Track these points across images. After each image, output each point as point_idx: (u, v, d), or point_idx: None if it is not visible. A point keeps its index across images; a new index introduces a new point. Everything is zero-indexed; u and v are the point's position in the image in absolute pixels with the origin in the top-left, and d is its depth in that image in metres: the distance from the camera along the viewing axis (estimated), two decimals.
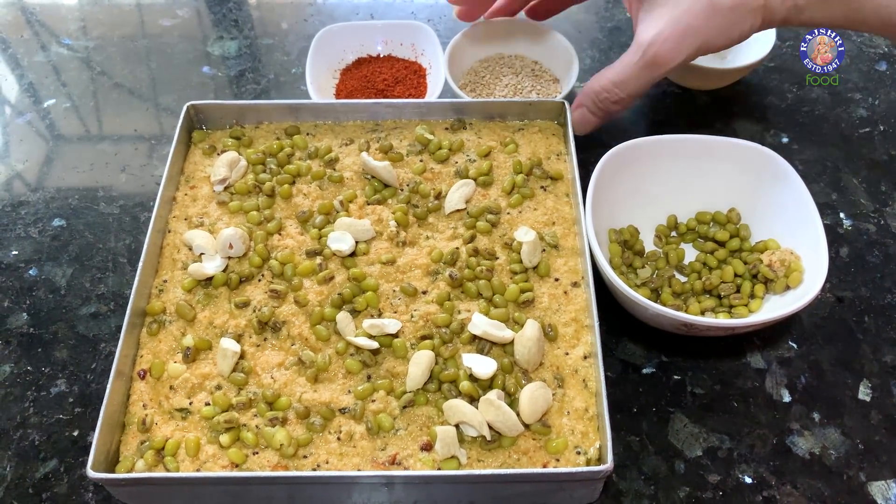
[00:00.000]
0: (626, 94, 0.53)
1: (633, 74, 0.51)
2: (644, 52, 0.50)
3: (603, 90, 0.54)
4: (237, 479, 0.47)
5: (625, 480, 0.54)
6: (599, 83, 0.54)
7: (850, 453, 0.55)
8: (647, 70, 0.51)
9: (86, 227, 0.70)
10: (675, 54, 0.49)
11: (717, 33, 0.48)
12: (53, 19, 0.93)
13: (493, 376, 0.51)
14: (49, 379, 0.59)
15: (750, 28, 0.49)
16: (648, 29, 0.49)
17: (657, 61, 0.50)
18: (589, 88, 0.55)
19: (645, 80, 0.52)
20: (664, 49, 0.49)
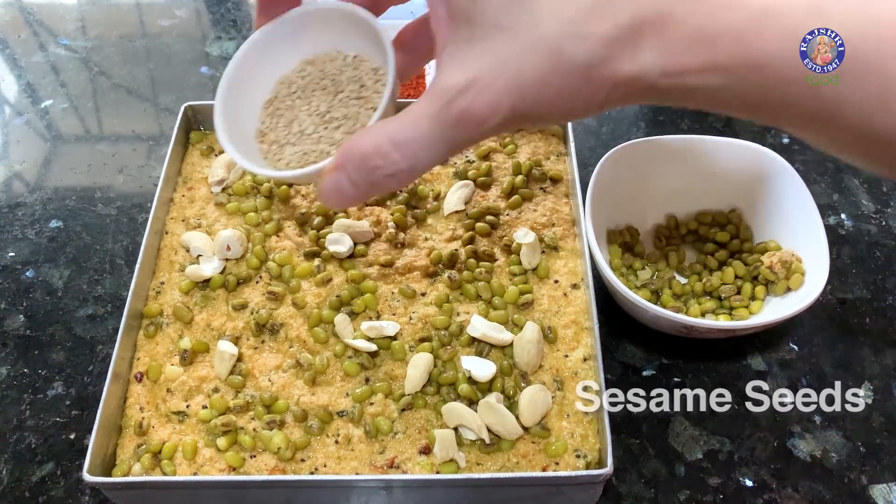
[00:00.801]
0: (408, 165, 0.32)
1: (427, 134, 0.31)
2: (448, 102, 0.30)
3: (376, 153, 0.32)
4: (234, 483, 0.47)
5: (624, 484, 0.53)
6: (372, 140, 0.32)
7: (851, 456, 0.54)
8: (448, 130, 0.31)
9: (83, 228, 0.69)
10: (490, 113, 0.30)
11: (557, 97, 0.30)
12: (52, 19, 0.93)
13: (492, 379, 0.50)
14: (46, 381, 0.59)
15: (604, 100, 0.31)
16: (459, 70, 0.30)
17: (464, 119, 0.30)
18: (354, 147, 0.32)
19: (444, 147, 0.31)
20: (477, 103, 0.30)
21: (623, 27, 0.29)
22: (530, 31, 0.30)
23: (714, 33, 0.29)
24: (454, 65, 0.31)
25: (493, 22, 0.30)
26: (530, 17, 0.30)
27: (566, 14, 0.29)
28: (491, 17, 0.30)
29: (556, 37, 0.29)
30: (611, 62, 0.29)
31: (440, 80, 0.31)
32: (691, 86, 0.30)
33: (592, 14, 0.29)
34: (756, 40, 0.29)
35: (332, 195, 0.34)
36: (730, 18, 0.29)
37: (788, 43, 0.28)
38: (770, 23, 0.28)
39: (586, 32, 0.29)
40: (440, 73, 0.31)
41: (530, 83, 0.30)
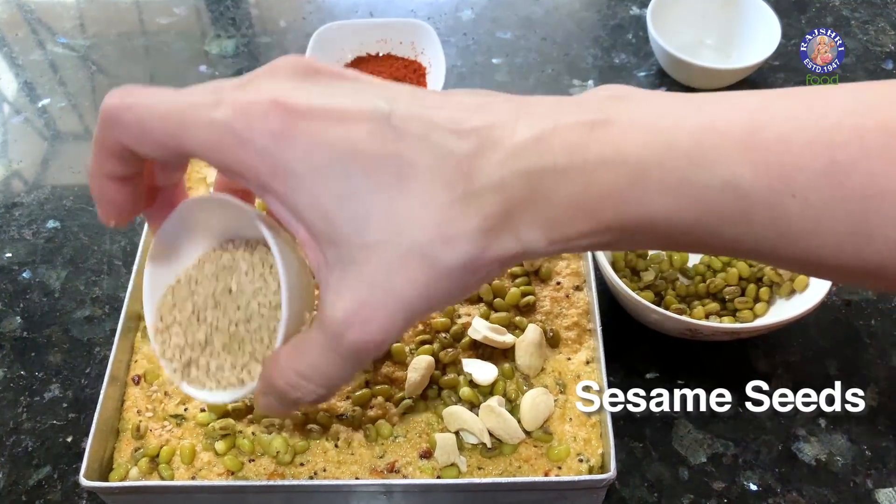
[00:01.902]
0: (325, 390, 0.32)
1: (329, 365, 0.31)
2: (338, 337, 0.29)
3: (290, 387, 0.32)
4: (233, 488, 0.47)
5: (628, 488, 0.53)
6: (284, 377, 0.32)
7: (857, 460, 0.54)
8: (345, 360, 0.30)
9: (80, 228, 0.69)
10: (384, 337, 0.29)
11: (445, 297, 0.29)
12: (50, 17, 0.92)
13: (493, 382, 0.50)
14: (43, 384, 0.58)
15: (500, 272, 0.31)
16: (339, 300, 0.29)
17: (360, 348, 0.30)
18: (272, 381, 0.33)
19: (350, 368, 0.31)
20: (367, 333, 0.29)
21: (493, 216, 0.27)
22: (396, 245, 0.28)
23: (596, 199, 0.27)
24: (333, 293, 0.29)
25: (356, 242, 0.28)
26: (393, 230, 0.27)
27: (429, 218, 0.27)
28: (353, 237, 0.28)
29: (424, 245, 0.27)
30: (490, 250, 0.28)
31: (325, 312, 0.29)
32: (583, 245, 0.29)
33: (457, 212, 0.27)
34: (644, 201, 0.27)
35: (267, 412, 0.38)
36: (611, 183, 0.27)
37: (678, 201, 0.27)
38: (654, 182, 0.27)
39: (455, 234, 0.27)
40: (323, 302, 0.30)
41: (414, 297, 0.28)
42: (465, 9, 0.91)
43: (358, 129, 0.27)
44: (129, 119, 0.28)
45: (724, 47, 0.82)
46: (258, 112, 0.26)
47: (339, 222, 0.28)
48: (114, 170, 0.30)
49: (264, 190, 0.28)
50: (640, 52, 0.84)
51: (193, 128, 0.27)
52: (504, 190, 0.27)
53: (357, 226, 0.27)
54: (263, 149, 0.26)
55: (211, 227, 0.37)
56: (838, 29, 0.86)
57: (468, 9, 0.91)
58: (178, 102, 0.28)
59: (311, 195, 0.27)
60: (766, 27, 0.77)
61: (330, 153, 0.26)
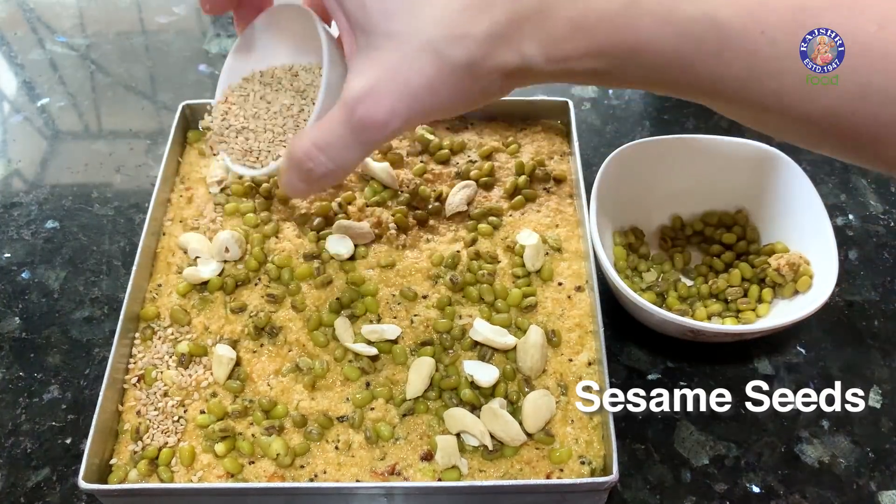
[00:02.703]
0: (335, 165, 0.36)
1: (340, 139, 0.34)
2: (351, 111, 0.33)
3: (306, 157, 0.36)
4: (233, 490, 0.46)
5: (629, 490, 0.52)
6: (302, 146, 0.36)
7: (860, 462, 0.54)
8: (355, 135, 0.34)
9: (80, 229, 0.68)
10: (389, 118, 0.33)
11: (449, 96, 0.32)
12: (49, 16, 0.92)
13: (494, 384, 0.49)
14: (41, 385, 0.58)
15: (499, 89, 0.34)
16: (358, 78, 0.33)
17: (366, 125, 0.33)
18: (293, 150, 0.37)
19: (357, 150, 0.35)
20: (375, 110, 0.32)
21: (501, 23, 0.31)
22: (414, 38, 0.32)
23: (592, 21, 0.31)
24: (355, 73, 0.34)
25: (383, 30, 0.32)
26: (414, 24, 0.32)
27: (445, 18, 0.31)
28: (381, 25, 0.32)
29: (437, 41, 0.31)
30: (493, 57, 0.32)
31: (347, 88, 0.34)
32: (578, 69, 0.32)
33: (470, 15, 0.31)
34: (632, 26, 0.30)
35: (288, 191, 0.40)
36: (606, 6, 0.30)
37: (662, 27, 0.30)
38: (645, 8, 0.30)
39: (464, 34, 0.31)
40: (348, 81, 0.34)
41: (420, 88, 0.33)
42: None
43: None
44: None
45: None
46: None
47: (371, 11, 0.32)
48: None
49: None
50: None
51: None
52: (514, 2, 0.31)
53: (385, 16, 0.32)
54: None
55: (288, 33, 0.44)
56: None
57: None
58: None
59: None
60: None
61: None
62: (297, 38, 0.45)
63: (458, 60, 0.31)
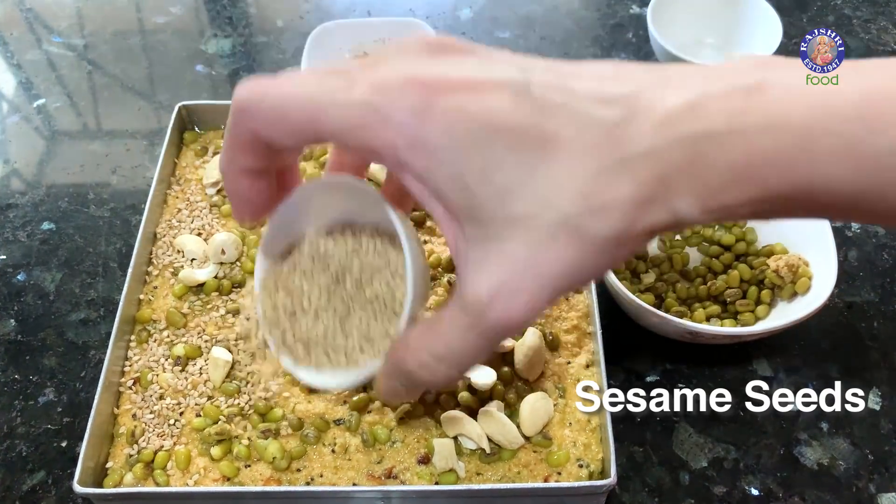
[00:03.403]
0: (458, 371, 0.31)
1: (465, 346, 0.30)
2: (480, 315, 0.28)
3: (422, 369, 0.31)
4: (229, 494, 0.46)
5: (628, 492, 0.52)
6: (415, 358, 0.32)
7: (859, 464, 0.53)
8: (485, 339, 0.29)
9: (75, 230, 0.68)
10: (526, 315, 0.28)
11: (592, 272, 0.28)
12: (47, 15, 0.91)
13: (492, 386, 0.49)
14: (37, 387, 0.58)
15: (633, 250, 0.31)
16: (481, 277, 0.28)
17: (504, 326, 0.28)
18: (401, 363, 0.32)
19: (488, 349, 0.30)
20: (510, 311, 0.28)
21: (647, 184, 0.26)
22: (543, 218, 0.26)
23: (758, 166, 0.26)
24: (474, 270, 0.28)
25: (501, 216, 0.27)
26: (539, 202, 0.26)
27: (578, 188, 0.26)
28: (497, 209, 0.27)
29: (573, 217, 0.26)
30: (641, 221, 0.27)
31: (466, 290, 0.29)
32: (736, 215, 0.28)
33: (607, 180, 0.26)
34: (807, 167, 0.26)
35: (388, 396, 0.35)
36: (774, 147, 0.26)
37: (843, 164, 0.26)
38: (822, 145, 0.25)
39: (604, 203, 0.26)
40: (462, 281, 0.29)
41: (560, 274, 0.27)
42: (463, 8, 0.90)
43: (497, 100, 0.26)
44: (265, 108, 0.28)
45: (725, 46, 0.81)
46: (395, 88, 0.26)
47: (481, 196, 0.27)
48: (247, 163, 0.31)
49: (401, 167, 0.27)
50: (640, 51, 0.83)
51: (331, 109, 0.27)
52: (657, 157, 0.26)
53: (500, 199, 0.27)
54: (403, 124, 0.26)
55: (323, 212, 0.37)
56: (840, 28, 0.85)
57: (467, 8, 0.90)
58: (313, 87, 0.27)
59: (451, 169, 0.27)
60: (768, 26, 0.76)
61: (470, 125, 0.26)
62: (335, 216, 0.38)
63: (604, 235, 0.26)
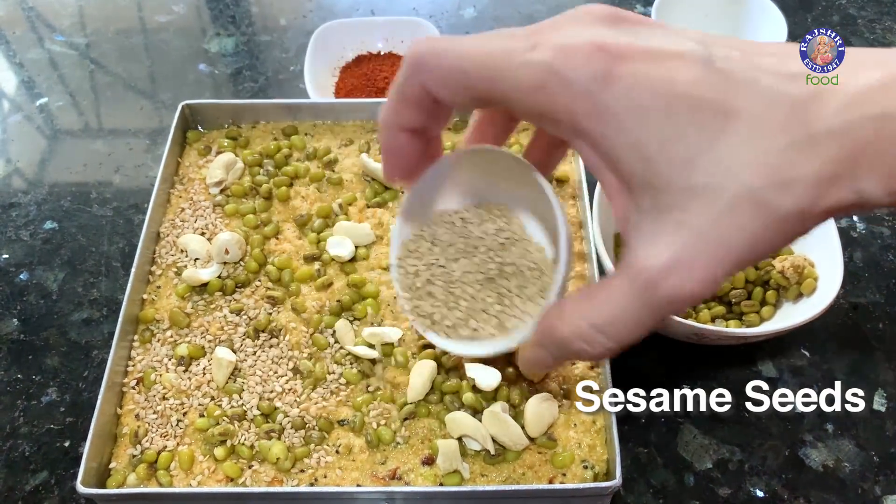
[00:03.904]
0: (615, 344, 0.30)
1: (631, 318, 0.29)
2: (651, 286, 0.28)
3: (578, 338, 0.31)
4: (232, 495, 0.46)
5: (632, 494, 0.52)
6: (572, 327, 0.31)
7: (865, 466, 0.53)
8: (653, 312, 0.28)
9: (78, 229, 0.68)
10: (703, 288, 0.27)
11: (770, 247, 0.27)
12: (49, 14, 0.91)
13: (497, 387, 0.49)
14: (40, 387, 0.58)
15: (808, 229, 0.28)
16: (655, 247, 0.27)
17: (673, 299, 0.28)
18: (556, 331, 0.31)
19: (651, 324, 0.29)
20: (686, 283, 0.27)
21: (833, 162, 0.25)
22: (726, 189, 0.26)
23: None
24: (647, 241, 0.28)
25: (680, 185, 0.26)
26: (722, 172, 0.26)
27: (763, 162, 0.26)
28: (676, 179, 0.26)
29: (759, 190, 0.26)
30: (825, 199, 0.26)
31: (637, 260, 0.28)
32: None
33: (794, 154, 0.25)
34: None
35: (532, 366, 0.35)
36: None
37: None
38: None
39: (791, 178, 0.25)
40: (632, 251, 0.28)
41: (741, 247, 0.27)
42: (467, 7, 0.90)
43: (680, 70, 0.26)
44: (442, 64, 0.28)
45: None
46: (579, 53, 0.26)
47: (660, 165, 0.26)
48: (410, 119, 0.31)
49: (577, 133, 0.27)
50: None
51: (510, 70, 0.27)
52: (847, 136, 0.25)
53: (680, 169, 0.26)
54: (584, 90, 0.26)
55: (464, 182, 0.37)
56: (845, 27, 0.85)
57: (470, 7, 0.90)
58: (492, 46, 0.27)
59: (631, 137, 0.26)
60: (772, 26, 0.76)
61: (653, 94, 0.26)
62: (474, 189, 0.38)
63: (788, 209, 0.26)
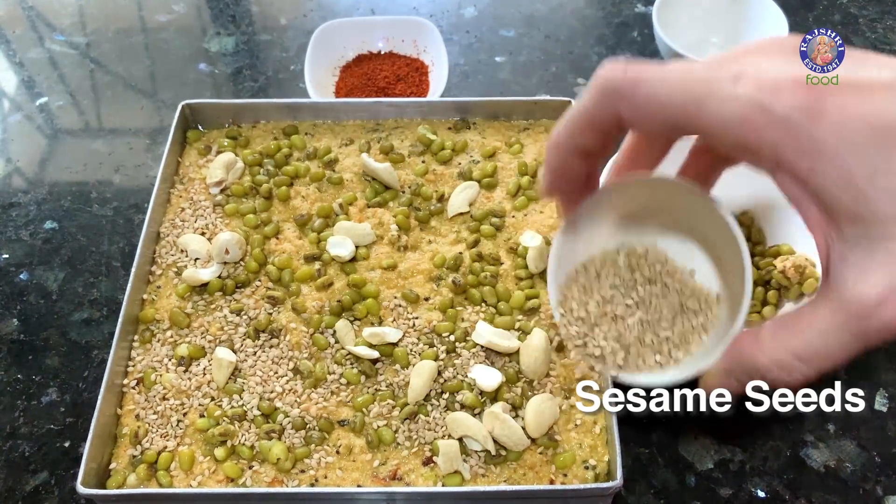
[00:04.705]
0: (815, 372, 0.31)
1: (837, 348, 0.29)
2: (864, 316, 0.28)
3: (777, 367, 0.31)
4: (233, 496, 0.46)
5: (633, 494, 0.52)
6: (772, 357, 0.31)
7: (866, 466, 0.53)
8: (865, 340, 0.29)
9: (78, 229, 0.68)
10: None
11: None
12: (49, 13, 0.91)
13: (497, 388, 0.49)
14: (40, 387, 0.57)
15: None
16: (865, 278, 0.28)
17: (891, 327, 0.28)
18: (750, 360, 0.32)
19: (854, 353, 0.30)
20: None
21: None
22: None
23: None
24: (856, 272, 0.28)
25: (892, 216, 0.27)
26: None
27: None
28: (886, 209, 0.27)
29: None
30: None
31: (845, 292, 0.29)
32: None
33: None
34: None
35: (716, 389, 0.35)
36: None
37: None
38: None
39: None
40: (839, 282, 0.29)
41: None
42: (467, 6, 0.90)
43: (889, 102, 0.26)
44: (640, 92, 0.28)
45: (730, 45, 0.80)
46: (784, 88, 0.26)
47: (871, 197, 0.27)
48: (586, 143, 0.31)
49: (780, 167, 0.28)
50: (645, 50, 0.83)
51: (714, 103, 0.27)
52: None
53: (891, 200, 0.27)
54: (791, 124, 0.26)
55: (623, 209, 0.38)
56: (846, 26, 0.85)
57: (471, 6, 0.90)
58: (692, 77, 0.27)
59: (841, 171, 0.27)
60: (774, 25, 0.76)
61: (864, 127, 0.26)
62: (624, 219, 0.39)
63: None
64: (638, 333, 0.38)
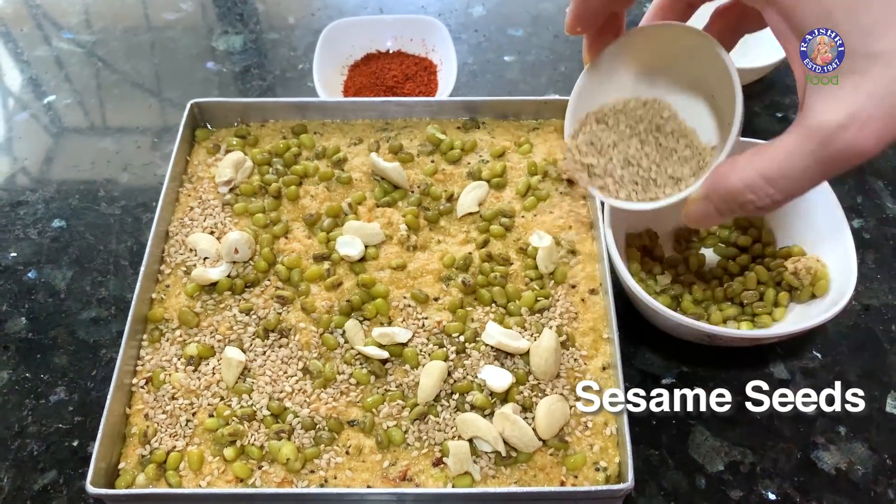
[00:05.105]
0: (783, 197, 0.34)
1: (801, 170, 0.32)
2: (826, 140, 0.30)
3: (746, 188, 0.34)
4: (242, 496, 0.46)
5: (644, 496, 0.52)
6: (743, 177, 0.34)
7: (877, 469, 0.53)
8: (826, 164, 0.31)
9: (86, 228, 0.68)
10: (875, 145, 0.30)
11: None
12: (56, 12, 0.91)
13: (507, 389, 0.49)
14: (48, 386, 0.57)
15: None
16: (833, 106, 0.30)
17: (848, 154, 0.30)
18: (724, 183, 0.35)
19: (818, 178, 0.33)
20: (860, 140, 0.30)
21: None
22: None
23: None
24: (824, 100, 0.31)
25: (862, 50, 0.30)
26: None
27: None
28: (857, 45, 0.30)
29: None
30: None
31: (811, 117, 0.31)
32: None
33: None
34: None
35: (697, 219, 0.39)
36: None
37: None
38: None
39: None
40: (809, 109, 0.32)
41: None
42: (476, 5, 0.89)
43: None
44: None
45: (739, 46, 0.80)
46: None
47: (844, 31, 0.30)
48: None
49: (769, 2, 0.32)
50: None
51: None
52: None
53: (863, 36, 0.29)
54: None
55: (642, 59, 0.44)
56: None
57: (479, 5, 0.89)
58: None
59: (820, 6, 0.30)
60: None
61: None
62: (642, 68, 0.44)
63: None
64: (637, 171, 0.43)
